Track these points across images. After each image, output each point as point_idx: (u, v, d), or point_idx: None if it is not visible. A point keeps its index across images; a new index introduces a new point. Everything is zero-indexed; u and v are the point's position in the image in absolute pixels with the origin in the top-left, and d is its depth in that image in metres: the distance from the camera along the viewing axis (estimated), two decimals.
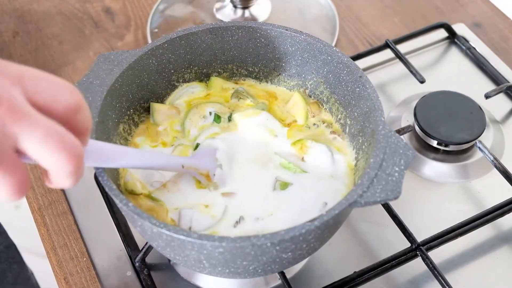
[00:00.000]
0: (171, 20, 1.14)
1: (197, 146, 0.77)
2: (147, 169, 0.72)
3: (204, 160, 0.74)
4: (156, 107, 0.80)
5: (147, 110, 0.81)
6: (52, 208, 0.89)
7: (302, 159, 0.76)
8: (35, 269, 1.91)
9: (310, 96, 0.83)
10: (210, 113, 0.80)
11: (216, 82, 0.84)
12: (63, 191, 0.91)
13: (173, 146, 0.78)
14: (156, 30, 1.12)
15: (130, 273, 0.82)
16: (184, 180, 0.74)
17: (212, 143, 0.77)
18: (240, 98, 0.83)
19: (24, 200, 1.05)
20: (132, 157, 0.67)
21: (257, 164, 0.76)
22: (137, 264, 0.82)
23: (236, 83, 0.85)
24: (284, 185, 0.73)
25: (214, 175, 0.74)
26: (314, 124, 0.81)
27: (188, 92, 0.83)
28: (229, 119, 0.80)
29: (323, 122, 0.81)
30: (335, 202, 0.64)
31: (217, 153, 0.76)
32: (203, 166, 0.73)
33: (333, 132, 0.79)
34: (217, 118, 0.80)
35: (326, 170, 0.75)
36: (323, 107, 0.82)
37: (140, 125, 0.80)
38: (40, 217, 0.89)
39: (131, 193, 0.73)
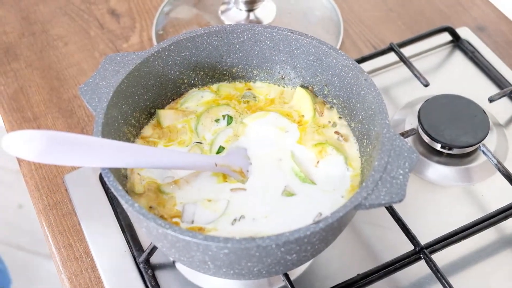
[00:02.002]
0: (176, 22, 1.14)
1: (219, 149, 0.78)
2: (179, 169, 0.75)
3: (236, 158, 0.77)
4: (162, 113, 0.81)
5: (153, 113, 0.82)
6: (57, 208, 0.90)
7: (317, 163, 0.77)
8: (38, 269, 1.92)
9: (317, 96, 0.83)
10: (224, 116, 0.81)
11: (225, 88, 0.85)
12: (67, 191, 0.91)
13: (189, 146, 0.79)
14: (161, 32, 1.12)
15: (134, 273, 0.82)
16: (199, 178, 0.76)
17: (240, 144, 0.79)
18: (248, 101, 0.83)
19: (27, 200, 1.06)
20: (167, 158, 0.71)
21: (271, 159, 0.78)
22: (141, 265, 0.82)
23: (242, 86, 0.86)
24: (290, 194, 0.74)
25: (248, 171, 0.76)
26: (320, 126, 0.81)
27: (198, 97, 0.83)
28: (240, 121, 0.81)
29: (329, 121, 0.81)
30: (330, 212, 0.64)
31: (247, 151, 0.79)
32: (236, 163, 0.76)
33: (337, 133, 0.80)
34: (229, 119, 0.81)
35: (333, 182, 0.75)
36: (329, 105, 0.82)
37: (145, 127, 0.81)
38: (45, 217, 0.89)
39: (133, 192, 0.74)
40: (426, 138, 0.93)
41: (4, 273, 1.48)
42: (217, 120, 0.81)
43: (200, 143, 0.79)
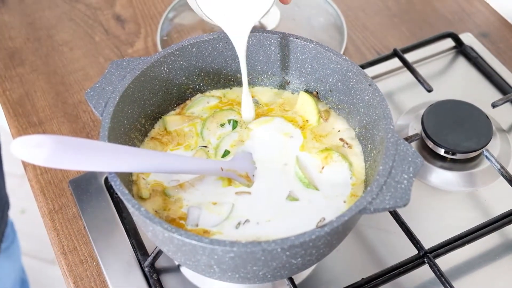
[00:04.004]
0: (181, 28, 1.15)
1: (225, 153, 0.79)
2: (186, 173, 0.75)
3: (242, 163, 0.77)
4: (168, 119, 0.82)
5: (158, 118, 0.82)
6: (62, 212, 0.90)
7: (322, 168, 0.77)
8: (41, 274, 1.92)
9: (321, 101, 0.83)
10: (229, 121, 0.82)
11: (230, 95, 0.85)
12: (73, 196, 0.91)
13: (195, 150, 0.79)
14: (165, 37, 1.13)
15: (139, 278, 0.82)
16: (204, 182, 0.76)
17: (245, 149, 0.80)
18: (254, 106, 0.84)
19: (30, 205, 1.06)
20: (174, 162, 0.72)
21: (276, 164, 0.78)
22: (146, 269, 0.82)
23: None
24: (294, 199, 0.75)
25: (253, 175, 0.77)
26: (324, 131, 0.81)
27: (203, 102, 0.84)
28: (245, 126, 0.82)
29: (333, 127, 0.81)
30: (333, 217, 0.65)
31: (253, 156, 0.79)
32: (242, 168, 0.77)
33: (342, 140, 0.80)
34: (235, 123, 0.82)
35: (336, 188, 0.76)
36: (333, 110, 0.83)
37: (151, 132, 0.81)
38: (50, 221, 0.89)
39: (138, 197, 0.75)
40: (430, 143, 0.93)
41: (26, 285, 1.51)
42: (222, 125, 0.82)
43: (206, 147, 0.80)
